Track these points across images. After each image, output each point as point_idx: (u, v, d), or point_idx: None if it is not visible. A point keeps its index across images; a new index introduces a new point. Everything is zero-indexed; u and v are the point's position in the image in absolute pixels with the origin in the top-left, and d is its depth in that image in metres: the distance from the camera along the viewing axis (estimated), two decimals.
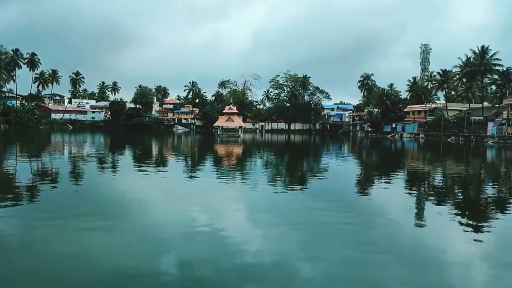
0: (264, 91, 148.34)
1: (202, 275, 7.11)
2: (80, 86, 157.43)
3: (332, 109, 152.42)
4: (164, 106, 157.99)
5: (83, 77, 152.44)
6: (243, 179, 19.87)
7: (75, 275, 7.02)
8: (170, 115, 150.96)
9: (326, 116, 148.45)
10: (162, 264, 7.54)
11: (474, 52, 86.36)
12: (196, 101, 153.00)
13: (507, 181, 22.72)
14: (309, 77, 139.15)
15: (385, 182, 20.74)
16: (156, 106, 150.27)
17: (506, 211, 13.54)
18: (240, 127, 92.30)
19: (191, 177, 20.67)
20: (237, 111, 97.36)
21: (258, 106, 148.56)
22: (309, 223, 10.92)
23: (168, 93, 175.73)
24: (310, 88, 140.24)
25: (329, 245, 8.93)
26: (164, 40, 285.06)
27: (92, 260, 7.75)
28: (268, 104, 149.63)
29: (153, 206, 12.87)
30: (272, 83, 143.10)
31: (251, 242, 9.05)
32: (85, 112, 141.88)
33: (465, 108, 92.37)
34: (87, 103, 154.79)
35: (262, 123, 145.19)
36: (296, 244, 8.94)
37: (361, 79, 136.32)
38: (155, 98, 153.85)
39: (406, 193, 17.32)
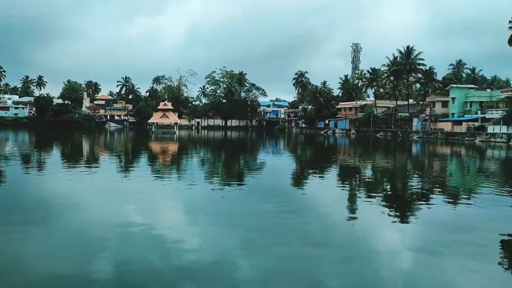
0: (200, 87, 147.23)
1: (138, 277, 6.86)
2: (0, 80, 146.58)
3: (268, 106, 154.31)
4: (95, 102, 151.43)
5: (4, 71, 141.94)
6: (180, 176, 19.54)
7: (4, 280, 6.53)
8: (102, 111, 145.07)
9: (262, 113, 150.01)
10: (96, 266, 7.19)
11: (400, 52, 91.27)
12: (130, 97, 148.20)
13: (429, 174, 24.27)
14: (245, 73, 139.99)
15: (319, 177, 21.33)
16: (86, 102, 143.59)
17: (429, 202, 14.44)
18: (176, 123, 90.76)
19: (125, 175, 19.98)
20: (172, 108, 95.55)
21: (194, 102, 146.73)
22: (246, 219, 10.94)
23: (100, 89, 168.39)
24: (247, 84, 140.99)
25: (267, 241, 9.01)
26: (96, 34, 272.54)
27: (23, 263, 7.26)
28: (204, 101, 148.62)
29: (84, 206, 12.25)
30: (208, 79, 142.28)
31: (189, 241, 8.89)
32: (6, 108, 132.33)
33: (392, 105, 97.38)
34: (9, 99, 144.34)
35: (198, 120, 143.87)
36: (234, 241, 8.91)
37: (296, 76, 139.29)
38: (85, 93, 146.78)
39: (339, 186, 17.92)
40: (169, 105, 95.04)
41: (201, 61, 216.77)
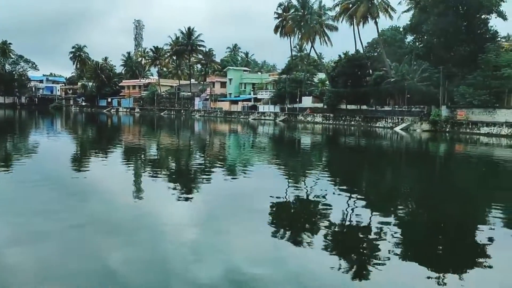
0: None
1: None
2: None
3: (41, 81, 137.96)
4: None
5: None
6: None
7: None
8: None
9: (33, 89, 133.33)
10: None
11: (182, 32, 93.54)
12: None
13: (211, 150, 25.79)
14: (10, 43, 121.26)
15: (102, 158, 20.22)
16: None
17: (211, 176, 15.30)
18: None
19: None
20: None
21: None
22: (18, 206, 9.52)
23: None
24: (12, 56, 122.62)
25: (45, 228, 8.09)
26: None
27: None
28: None
29: None
30: None
31: None
32: None
33: (175, 84, 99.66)
34: None
35: None
36: (4, 232, 7.64)
37: (73, 50, 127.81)
38: None
39: (124, 167, 17.32)
40: None
41: None
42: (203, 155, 22.96)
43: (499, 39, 47.11)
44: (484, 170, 19.54)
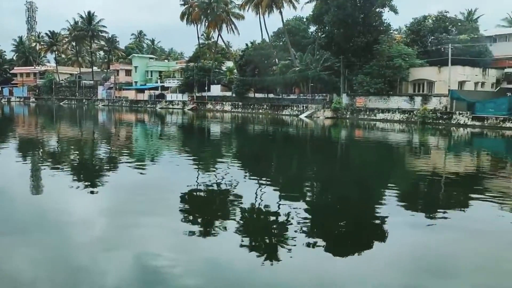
0: None
1: None
2: None
3: None
4: None
5: None
6: None
7: None
8: None
9: None
10: None
11: (81, 17, 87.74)
12: None
13: (116, 141, 24.75)
14: None
15: None
16: None
17: (117, 168, 14.73)
18: None
19: None
20: None
21: None
22: None
23: None
24: None
25: None
26: None
27: None
28: None
29: None
30: None
31: None
32: None
33: (76, 72, 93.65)
34: None
35: None
36: None
37: None
38: None
39: (18, 162, 15.95)
40: None
41: None
42: (107, 147, 21.94)
43: (391, 31, 50.90)
44: (378, 154, 21.16)
